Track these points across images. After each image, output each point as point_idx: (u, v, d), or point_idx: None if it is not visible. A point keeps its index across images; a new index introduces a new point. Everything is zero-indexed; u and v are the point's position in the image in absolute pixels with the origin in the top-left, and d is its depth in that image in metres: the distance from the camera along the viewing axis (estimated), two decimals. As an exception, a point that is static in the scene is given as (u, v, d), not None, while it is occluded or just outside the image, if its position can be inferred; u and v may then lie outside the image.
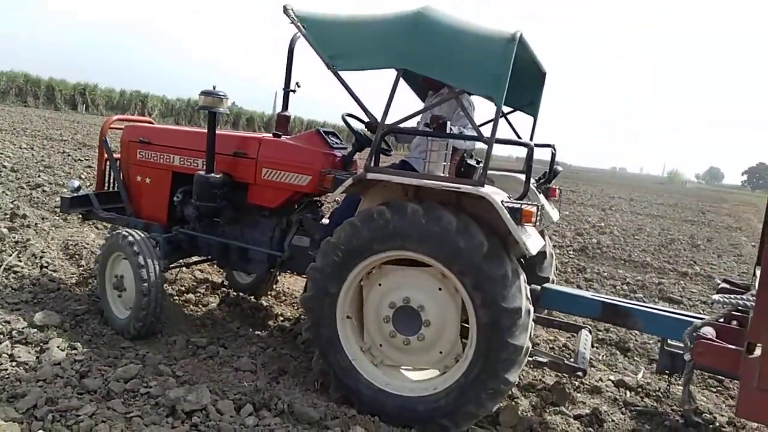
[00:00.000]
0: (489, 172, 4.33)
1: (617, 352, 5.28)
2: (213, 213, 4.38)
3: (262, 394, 3.38)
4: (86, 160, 14.36)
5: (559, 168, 4.83)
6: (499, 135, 3.30)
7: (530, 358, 3.51)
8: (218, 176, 4.21)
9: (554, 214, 4.45)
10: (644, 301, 7.13)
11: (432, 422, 3.25)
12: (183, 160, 4.58)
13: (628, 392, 4.29)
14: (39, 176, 10.74)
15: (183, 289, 5.45)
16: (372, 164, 3.38)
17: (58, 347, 3.68)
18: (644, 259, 10.61)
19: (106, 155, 5.13)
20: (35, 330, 3.92)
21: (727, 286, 3.94)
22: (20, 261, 5.42)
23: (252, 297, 5.53)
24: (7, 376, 3.27)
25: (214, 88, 4.13)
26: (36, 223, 6.96)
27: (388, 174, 3.34)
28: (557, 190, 4.81)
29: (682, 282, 8.90)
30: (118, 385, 3.30)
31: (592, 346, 5.29)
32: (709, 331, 3.02)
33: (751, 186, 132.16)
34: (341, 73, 3.51)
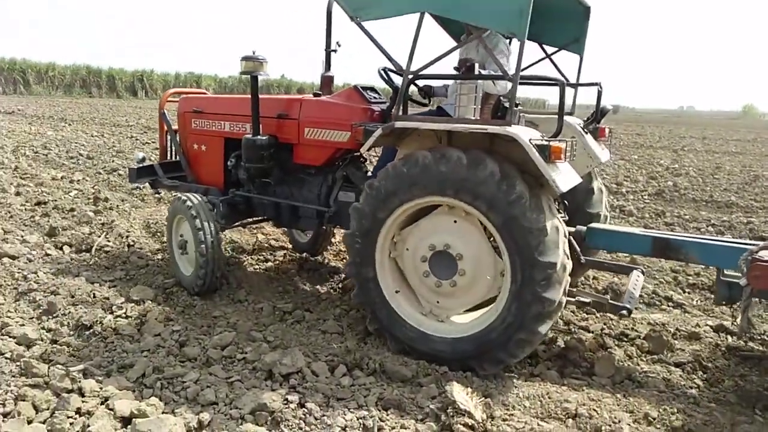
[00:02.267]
0: (533, 115, 4.26)
1: (712, 296, 5.00)
2: (262, 174, 4.55)
3: (353, 355, 3.42)
4: (153, 142, 14.85)
5: (609, 107, 4.63)
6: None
7: (572, 299, 3.48)
8: (264, 138, 4.38)
9: (603, 155, 4.32)
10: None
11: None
12: (233, 126, 4.76)
13: (729, 337, 4.07)
14: (113, 161, 11.22)
15: (262, 258, 5.57)
16: (400, 112, 3.41)
17: (155, 319, 3.85)
18: (728, 198, 9.98)
19: (166, 128, 5.41)
20: (132, 304, 4.11)
21: None
22: (109, 241, 5.69)
23: (316, 257, 5.65)
24: (114, 348, 3.46)
25: (253, 52, 4.21)
26: (117, 205, 7.30)
27: (416, 121, 3.37)
28: (606, 130, 4.64)
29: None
30: (215, 352, 3.42)
31: (684, 291, 5.05)
32: (766, 254, 2.91)
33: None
34: (366, 24, 3.56)
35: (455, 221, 3.34)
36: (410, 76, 3.42)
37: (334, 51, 4.40)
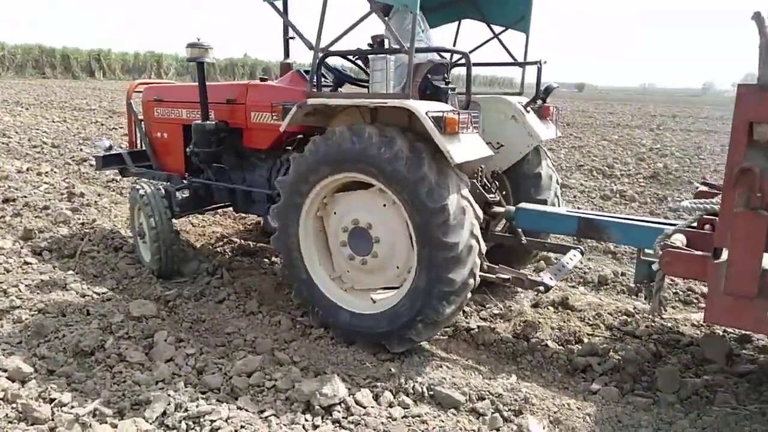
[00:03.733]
0: (478, 96, 4.34)
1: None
2: (212, 158, 4.63)
3: (397, 380, 3.07)
4: (121, 128, 14.03)
5: (554, 85, 4.54)
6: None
7: (492, 276, 3.47)
8: (212, 123, 4.49)
9: (546, 133, 4.31)
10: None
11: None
12: (189, 113, 4.84)
13: (777, 337, 3.86)
14: (81, 150, 10.48)
15: (265, 258, 5.14)
16: (314, 90, 3.45)
17: (164, 341, 3.41)
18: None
19: (133, 117, 5.55)
20: (134, 322, 3.65)
21: (706, 189, 3.67)
22: (93, 245, 5.16)
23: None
24: (123, 379, 3.02)
25: (198, 39, 4.33)
26: (95, 201, 6.71)
27: (326, 97, 3.43)
28: (551, 109, 4.55)
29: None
30: (240, 380, 3.02)
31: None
32: (679, 239, 2.96)
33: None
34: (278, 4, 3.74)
35: (384, 205, 3.35)
36: (320, 54, 3.43)
37: (292, 38, 4.49)
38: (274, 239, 3.70)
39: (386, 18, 3.45)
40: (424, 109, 3.04)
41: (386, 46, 3.48)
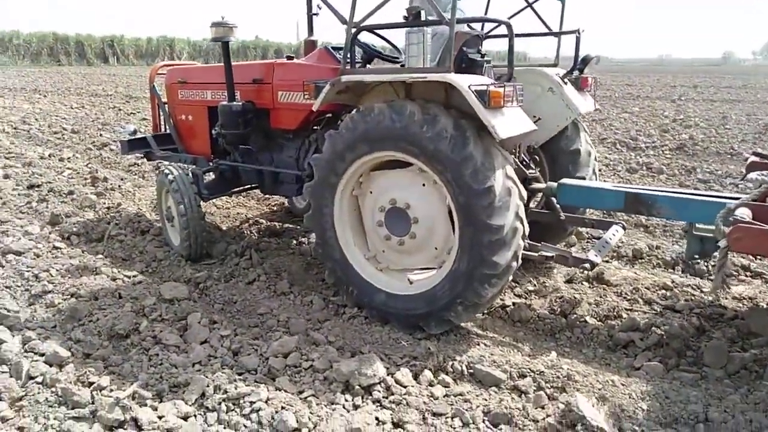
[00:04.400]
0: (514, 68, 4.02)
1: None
2: (239, 140, 4.53)
3: (436, 358, 3.02)
4: (138, 112, 14.06)
5: (591, 56, 4.35)
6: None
7: (534, 254, 3.39)
8: (239, 104, 4.37)
9: (586, 105, 4.15)
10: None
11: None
12: (214, 94, 4.74)
13: (824, 309, 3.74)
14: (101, 135, 10.51)
15: (294, 239, 5.09)
16: (347, 66, 3.30)
17: (198, 323, 3.38)
18: (750, 149, 9.62)
19: (156, 101, 5.44)
20: (166, 305, 3.64)
21: (758, 159, 3.53)
22: (121, 229, 5.16)
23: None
24: (160, 362, 3.00)
25: (222, 18, 4.20)
26: (119, 185, 6.70)
27: (361, 74, 3.28)
28: (589, 79, 4.36)
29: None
30: (277, 361, 2.99)
31: (758, 258, 4.70)
32: (744, 213, 2.77)
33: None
34: None
35: (423, 185, 3.24)
36: (354, 28, 3.25)
37: (316, 14, 4.30)
38: (308, 218, 3.63)
39: None
40: (466, 82, 2.89)
41: (423, 18, 3.31)
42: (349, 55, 3.32)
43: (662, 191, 3.49)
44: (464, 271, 3.07)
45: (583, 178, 4.11)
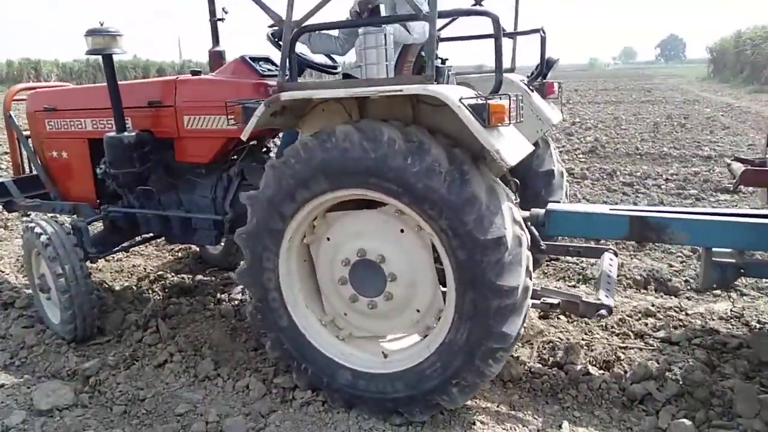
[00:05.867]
0: (467, 75, 3.62)
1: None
2: (135, 180, 3.62)
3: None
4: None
5: (555, 58, 4.00)
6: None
7: (537, 301, 2.84)
8: (131, 134, 3.50)
9: (554, 116, 3.73)
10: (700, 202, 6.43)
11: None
12: (96, 123, 3.79)
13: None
14: (-52, 177, 8.71)
15: (210, 297, 4.14)
16: (286, 80, 2.55)
17: (92, 447, 2.42)
18: (660, 149, 9.89)
19: (16, 134, 4.31)
20: (42, 420, 2.63)
21: (746, 165, 3.18)
22: (-26, 304, 3.94)
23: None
24: None
25: (101, 24, 3.31)
26: (-28, 242, 5.35)
27: (308, 89, 2.50)
28: (555, 85, 4.01)
29: (716, 168, 8.24)
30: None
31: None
32: None
33: (664, 58, 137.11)
34: None
35: (402, 230, 2.52)
36: (293, 29, 2.51)
37: (221, 20, 3.66)
38: (241, 273, 2.76)
39: None
40: (455, 95, 2.23)
41: (383, 13, 2.63)
42: (288, 65, 2.54)
43: (672, 212, 3.02)
44: (463, 344, 2.38)
45: (558, 203, 3.58)
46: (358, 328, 2.76)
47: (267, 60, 3.56)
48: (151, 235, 4.04)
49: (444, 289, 2.52)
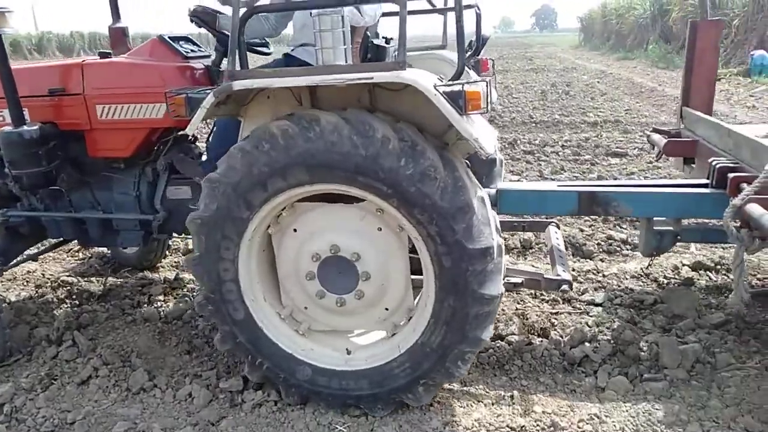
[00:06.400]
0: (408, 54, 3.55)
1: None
2: (41, 181, 3.20)
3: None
4: None
5: (487, 34, 4.14)
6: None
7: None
8: (32, 128, 3.06)
9: (493, 94, 3.76)
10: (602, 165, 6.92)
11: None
12: None
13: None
14: None
15: (128, 299, 3.81)
16: (236, 67, 2.33)
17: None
18: (552, 117, 10.46)
19: None
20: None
21: (661, 136, 3.54)
22: None
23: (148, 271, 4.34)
24: None
25: None
26: None
27: (265, 77, 2.30)
28: (489, 62, 4.14)
29: (603, 133, 8.87)
30: None
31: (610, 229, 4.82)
32: (756, 210, 2.42)
33: (539, 27, 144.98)
34: None
35: (380, 228, 2.43)
36: (244, 9, 2.32)
37: None
38: (193, 261, 2.52)
39: None
40: (429, 82, 2.11)
41: None
42: (240, 50, 2.31)
43: (617, 186, 3.20)
44: (436, 347, 2.38)
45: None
46: (318, 322, 2.67)
47: (188, 40, 3.29)
48: (62, 240, 3.66)
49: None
